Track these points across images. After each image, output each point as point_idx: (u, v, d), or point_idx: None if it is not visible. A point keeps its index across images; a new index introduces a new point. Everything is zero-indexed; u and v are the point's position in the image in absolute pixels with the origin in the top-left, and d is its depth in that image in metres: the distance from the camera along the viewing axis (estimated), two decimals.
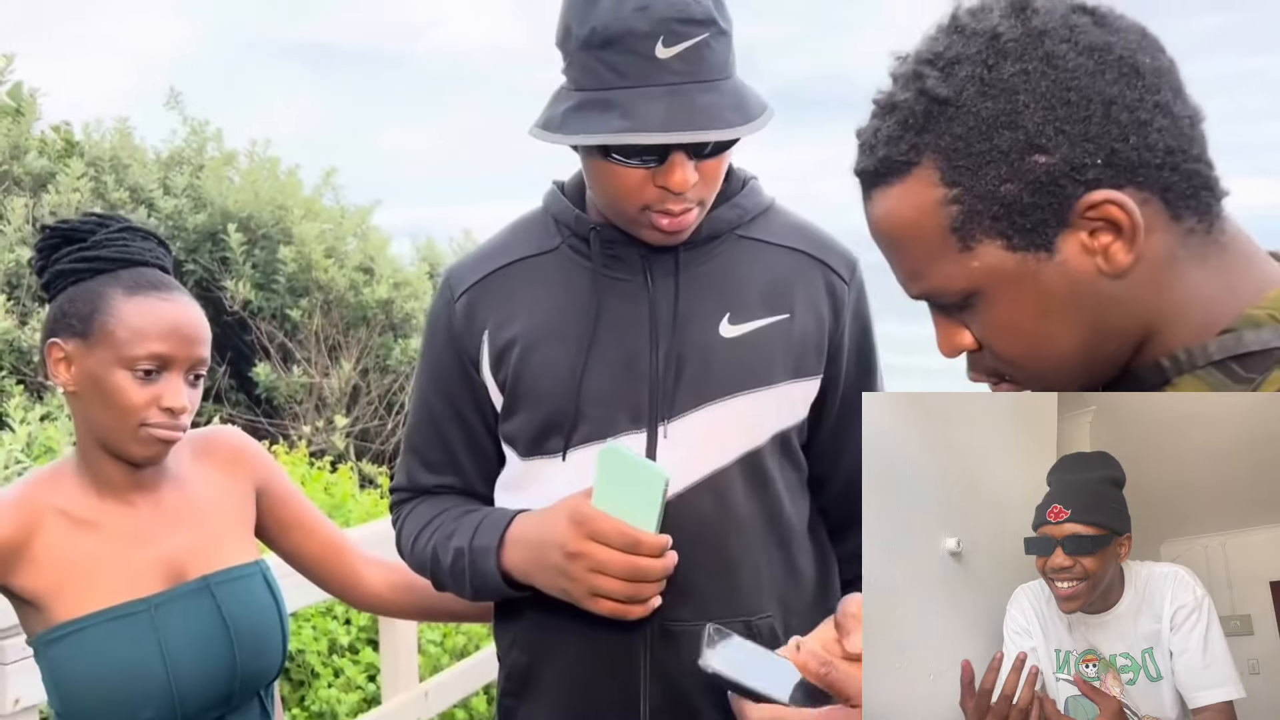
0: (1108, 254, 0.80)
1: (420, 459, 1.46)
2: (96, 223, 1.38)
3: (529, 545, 1.28)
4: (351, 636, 3.68)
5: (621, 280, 1.35)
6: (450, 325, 1.41)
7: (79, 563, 1.33)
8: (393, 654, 2.68)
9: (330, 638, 3.64)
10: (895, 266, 0.89)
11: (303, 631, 3.54)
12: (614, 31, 1.19)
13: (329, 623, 3.65)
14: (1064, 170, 0.78)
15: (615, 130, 1.19)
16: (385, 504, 4.74)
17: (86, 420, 1.35)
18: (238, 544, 1.45)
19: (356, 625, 3.72)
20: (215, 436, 1.51)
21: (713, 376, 1.33)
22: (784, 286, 1.36)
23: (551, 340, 1.34)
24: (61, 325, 1.34)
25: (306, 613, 3.61)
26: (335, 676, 3.57)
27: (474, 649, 3.78)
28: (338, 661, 3.59)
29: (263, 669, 1.42)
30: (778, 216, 1.42)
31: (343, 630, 3.68)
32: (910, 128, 0.82)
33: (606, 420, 1.32)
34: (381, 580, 1.62)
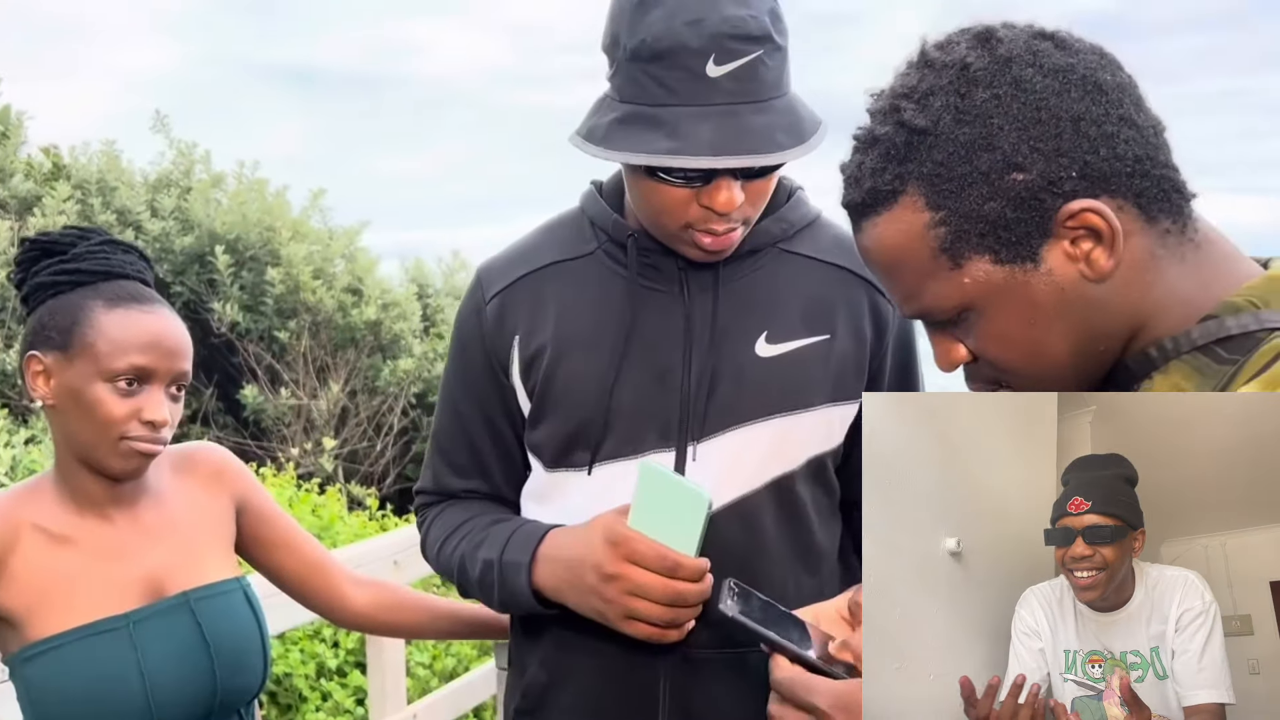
0: (1090, 260, 0.84)
1: (447, 462, 1.43)
2: (77, 235, 1.36)
3: (563, 564, 1.24)
4: (339, 660, 3.65)
5: (658, 291, 1.30)
6: (481, 328, 1.36)
7: (56, 579, 1.31)
8: (380, 676, 2.66)
9: (318, 661, 3.62)
10: (890, 290, 0.92)
11: (290, 655, 3.51)
12: (665, 46, 1.14)
13: (316, 646, 3.63)
14: (1042, 185, 0.82)
15: (662, 151, 1.15)
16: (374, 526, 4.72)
17: (66, 434, 1.33)
18: (218, 560, 1.43)
19: (344, 649, 3.69)
20: (196, 452, 1.49)
21: (747, 397, 1.28)
22: (826, 305, 1.31)
23: (582, 349, 1.30)
24: (41, 338, 1.32)
25: (294, 636, 3.58)
26: (323, 700, 3.54)
27: (462, 671, 3.75)
28: (325, 685, 3.56)
29: (243, 687, 1.40)
30: (824, 230, 1.36)
31: (330, 653, 3.65)
32: (893, 158, 0.86)
33: (634, 436, 1.28)
34: (367, 599, 1.59)
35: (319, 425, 6.48)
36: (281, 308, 6.71)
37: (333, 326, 6.77)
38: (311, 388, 6.54)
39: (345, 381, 6.70)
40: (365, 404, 6.80)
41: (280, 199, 7.17)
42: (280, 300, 6.68)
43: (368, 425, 6.75)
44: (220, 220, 6.79)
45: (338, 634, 3.75)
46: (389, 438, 6.77)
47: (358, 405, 6.77)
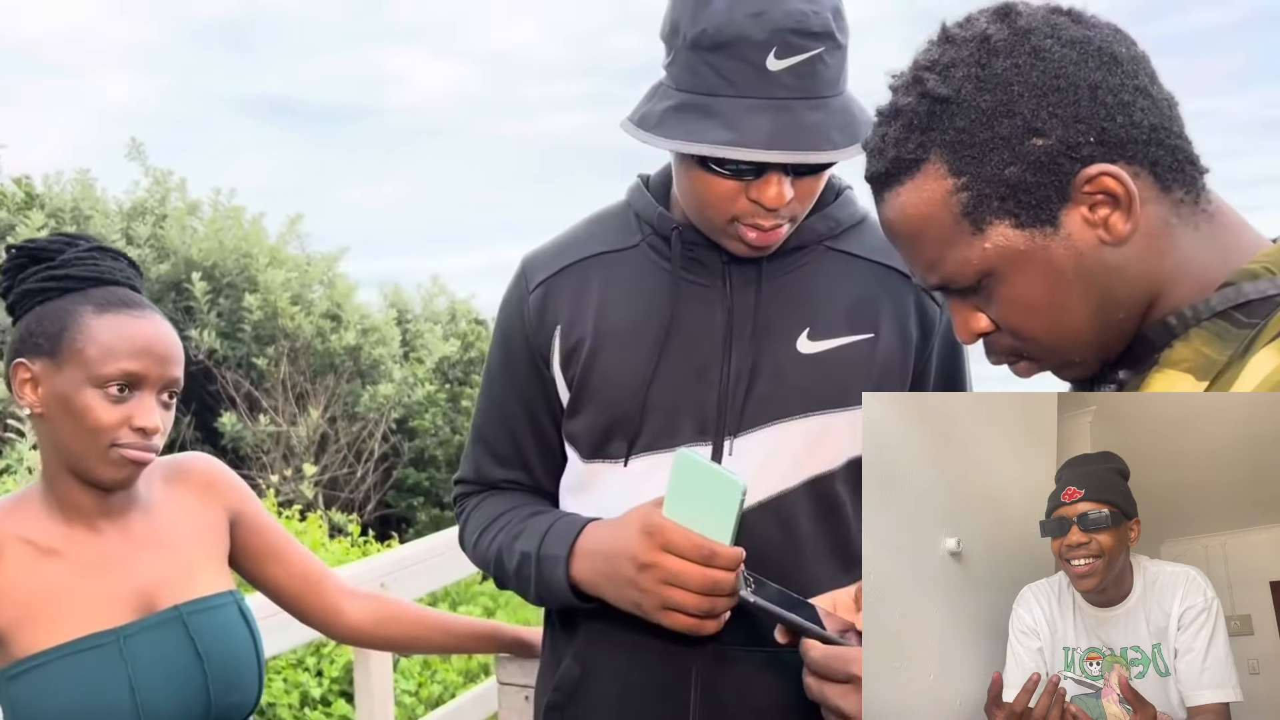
0: (1108, 225, 0.86)
1: (489, 451, 1.43)
2: (65, 242, 1.34)
3: (599, 556, 1.23)
4: (323, 689, 3.61)
5: (700, 285, 1.30)
6: (523, 318, 1.36)
7: (43, 593, 1.27)
8: (368, 703, 2.62)
9: (302, 690, 3.58)
10: (912, 260, 0.94)
11: (274, 684, 3.47)
12: (726, 36, 1.14)
13: (300, 675, 3.59)
14: (1061, 150, 0.85)
15: (717, 141, 1.14)
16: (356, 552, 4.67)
17: (54, 443, 1.30)
18: (210, 573, 1.39)
19: (328, 677, 3.65)
20: (187, 463, 1.45)
21: (786, 393, 1.27)
22: (870, 304, 1.30)
23: (623, 341, 1.29)
24: (28, 345, 1.29)
25: (277, 664, 3.55)
26: None
27: (449, 697, 3.71)
28: (310, 715, 3.52)
29: (237, 704, 1.36)
30: (872, 230, 1.34)
31: (314, 682, 3.61)
32: (915, 128, 0.89)
33: (671, 429, 1.27)
34: (363, 612, 1.57)
35: (298, 452, 6.43)
36: (259, 334, 6.68)
37: (311, 352, 6.73)
38: (290, 414, 6.50)
39: (325, 408, 6.66)
40: (345, 430, 6.75)
41: (257, 225, 7.14)
42: (258, 327, 6.65)
43: (348, 451, 6.71)
44: (196, 247, 6.76)
45: (321, 662, 3.71)
46: (369, 464, 6.72)
47: (337, 431, 6.73)
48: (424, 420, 6.96)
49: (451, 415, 7.07)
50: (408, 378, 7.03)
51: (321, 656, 3.74)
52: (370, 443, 6.72)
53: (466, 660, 4.05)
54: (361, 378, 6.95)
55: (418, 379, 7.08)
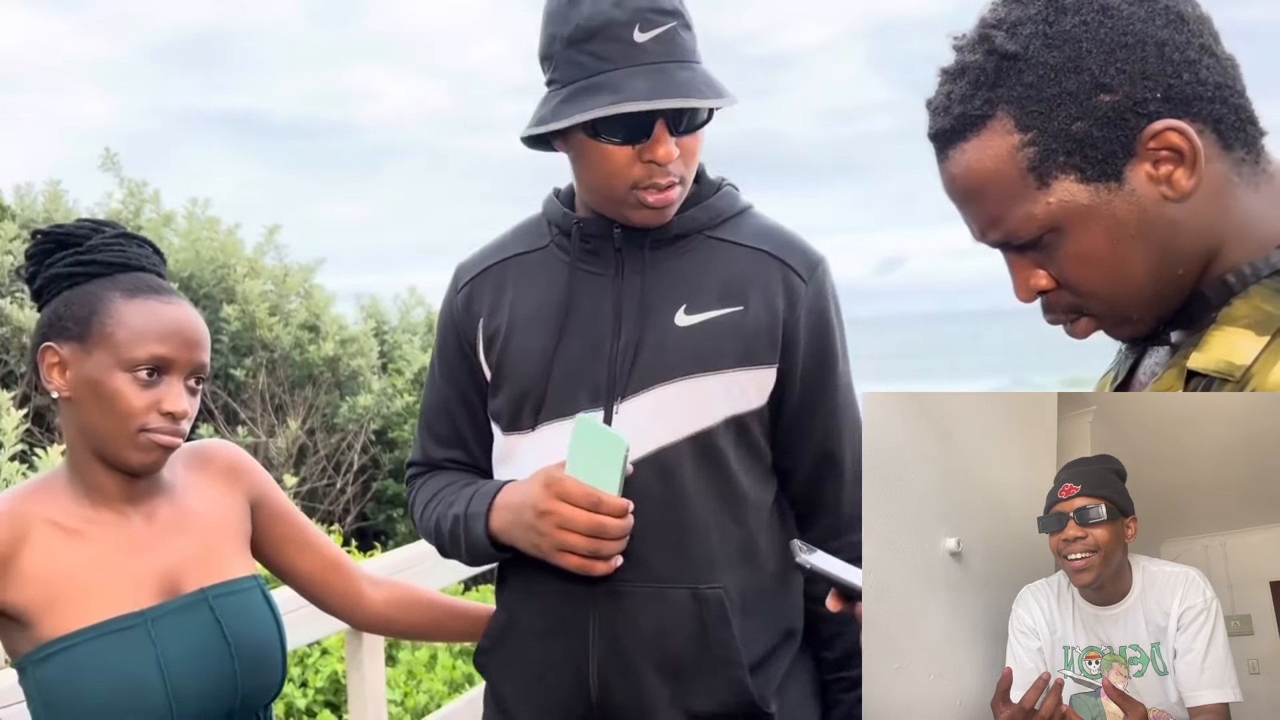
0: (1171, 181, 0.87)
1: (431, 434, 1.62)
2: (92, 228, 1.35)
3: (510, 508, 1.42)
4: (308, 699, 3.58)
5: (595, 274, 1.48)
6: (453, 313, 1.58)
7: (70, 576, 1.27)
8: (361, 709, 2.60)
9: (286, 701, 3.54)
10: (974, 217, 0.95)
11: None
12: (596, 24, 1.34)
13: (286, 686, 3.55)
14: (1128, 106, 0.86)
15: (606, 104, 1.32)
16: None
17: (82, 427, 1.30)
18: (234, 557, 1.40)
19: (313, 687, 3.62)
20: (210, 449, 1.46)
21: (665, 361, 1.44)
22: (741, 281, 1.46)
23: (531, 327, 1.48)
24: (56, 329, 1.29)
25: None
26: None
27: (435, 707, 3.69)
28: None
29: (263, 686, 1.37)
30: (749, 220, 1.52)
31: (299, 693, 3.57)
32: (982, 84, 0.90)
33: (569, 398, 1.45)
34: (384, 598, 1.58)
35: (277, 463, 6.37)
36: (237, 345, 6.62)
37: (290, 364, 6.68)
38: (269, 425, 6.45)
39: (303, 419, 6.60)
40: (324, 441, 6.70)
41: (233, 237, 7.08)
42: (236, 338, 6.59)
43: (327, 463, 6.65)
44: (173, 259, 6.70)
45: (306, 673, 3.67)
46: (349, 475, 6.68)
47: (316, 443, 6.68)
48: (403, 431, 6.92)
49: None
50: (386, 389, 6.99)
51: (306, 667, 3.71)
52: (349, 454, 6.67)
53: (451, 670, 4.02)
54: (340, 389, 6.90)
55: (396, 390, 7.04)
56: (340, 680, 3.61)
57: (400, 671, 3.91)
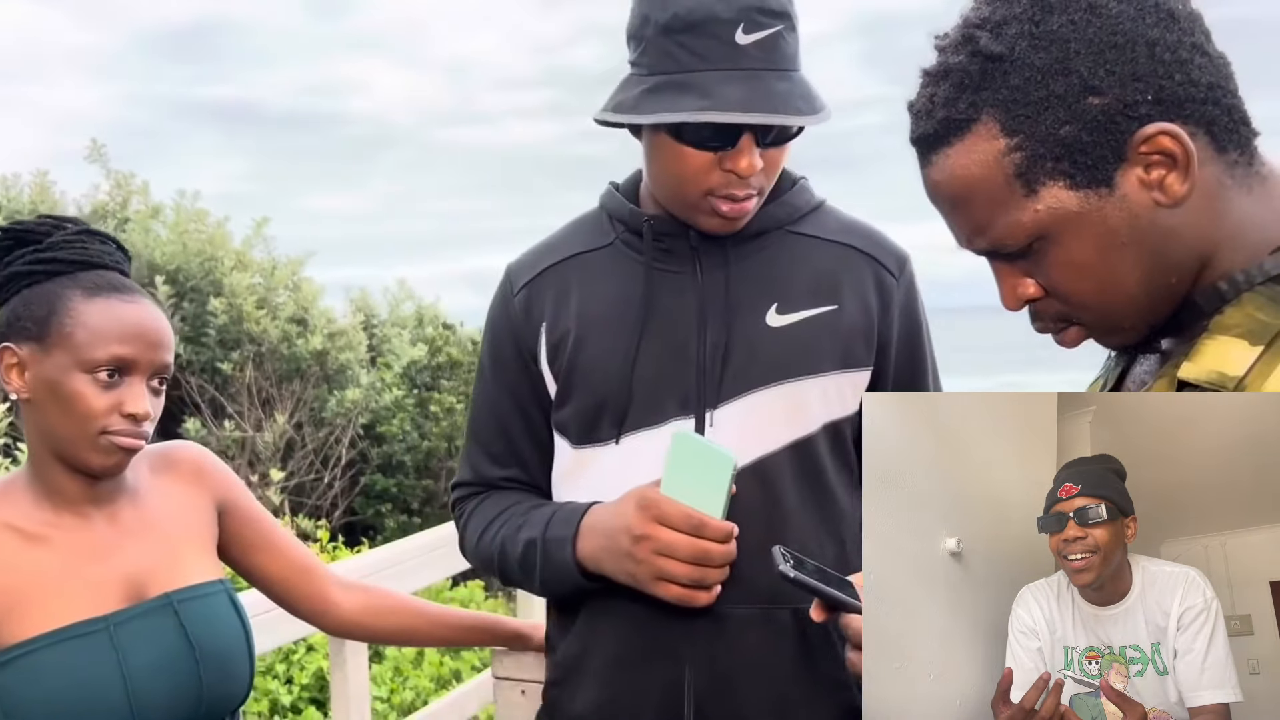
0: (1164, 186, 0.84)
1: (485, 451, 1.49)
2: (53, 224, 1.31)
3: (600, 533, 1.30)
4: (294, 696, 3.57)
5: (671, 272, 1.37)
6: (509, 319, 1.45)
7: (30, 580, 1.24)
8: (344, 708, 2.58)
9: (271, 698, 3.53)
10: (959, 225, 0.92)
11: None
12: (697, 17, 1.23)
13: (270, 683, 3.54)
14: (1118, 109, 0.83)
15: (694, 109, 1.22)
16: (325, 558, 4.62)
17: (41, 430, 1.27)
18: (200, 561, 1.37)
19: (298, 684, 3.61)
20: (175, 451, 1.43)
21: (758, 364, 1.34)
22: (831, 279, 1.38)
23: (604, 330, 1.37)
24: (15, 329, 1.26)
25: None
26: None
27: (421, 704, 3.68)
28: None
29: (229, 694, 1.34)
30: (828, 214, 1.43)
31: (284, 690, 3.56)
32: (967, 87, 0.87)
33: (655, 406, 1.35)
34: (356, 603, 1.55)
35: (265, 458, 6.35)
36: (224, 338, 6.60)
37: (278, 357, 6.66)
38: (256, 419, 6.43)
39: (291, 413, 6.59)
40: (312, 435, 6.68)
41: (221, 229, 7.05)
42: (223, 331, 6.57)
43: (315, 457, 6.64)
44: (160, 251, 6.67)
45: (291, 669, 3.66)
46: (337, 469, 6.66)
47: (304, 437, 6.66)
48: (392, 426, 6.91)
49: (419, 421, 7.02)
50: (375, 383, 6.97)
51: (291, 664, 3.70)
52: (337, 448, 6.66)
53: (439, 666, 4.02)
54: (328, 383, 6.88)
55: (385, 384, 7.02)
56: (325, 677, 3.60)
57: (387, 668, 3.90)
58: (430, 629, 1.61)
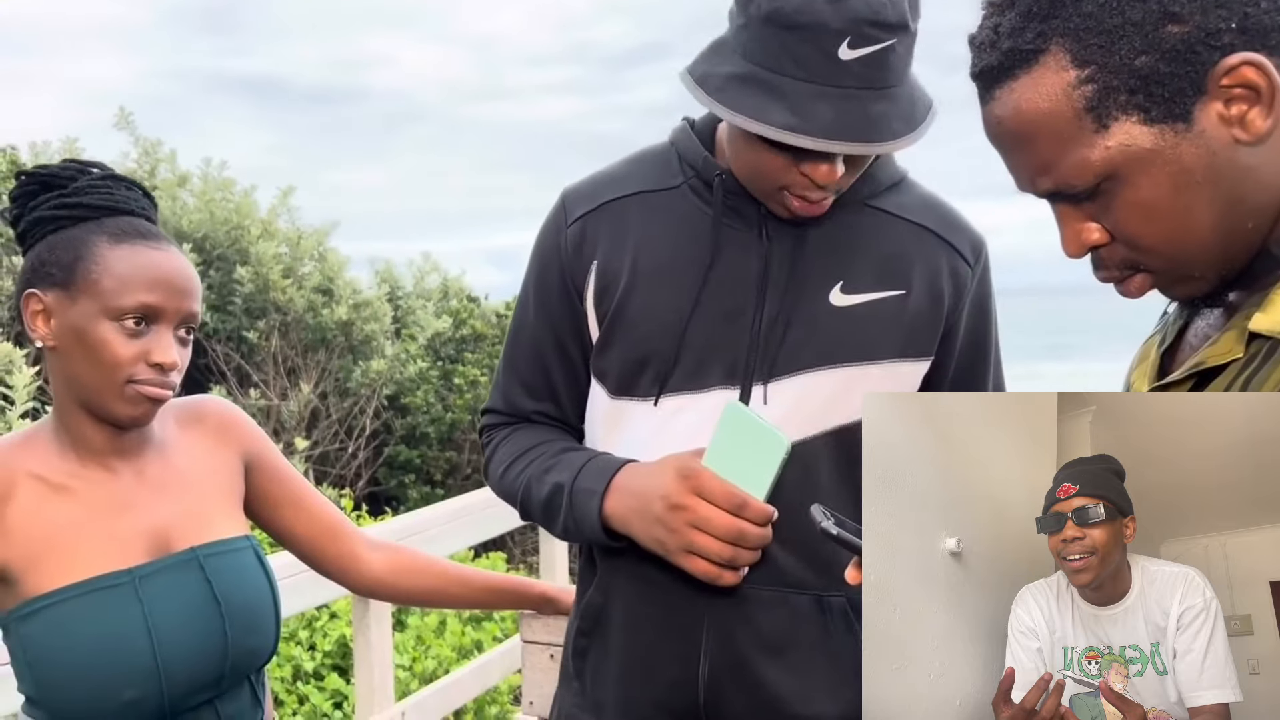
0: (1245, 122, 0.79)
1: (520, 381, 1.44)
2: (78, 169, 1.29)
3: (633, 494, 1.26)
4: (316, 663, 3.62)
5: (738, 231, 1.30)
6: (560, 250, 1.37)
7: (56, 531, 1.23)
8: (368, 675, 2.61)
9: (294, 664, 3.58)
10: (1021, 164, 0.86)
11: None
12: (803, 19, 1.13)
13: (293, 649, 3.59)
14: (1199, 37, 0.78)
15: (780, 125, 1.14)
16: None
17: (67, 378, 1.25)
18: (226, 516, 1.35)
19: (321, 650, 3.66)
20: (202, 405, 1.41)
21: (816, 344, 1.28)
22: (903, 262, 1.32)
23: (659, 280, 1.31)
24: (40, 275, 1.24)
25: None
26: (300, 704, 3.51)
27: (443, 673, 3.73)
28: (302, 688, 3.53)
29: (255, 649, 1.32)
30: (910, 189, 1.36)
31: (307, 656, 3.62)
32: (1035, 15, 0.82)
33: (701, 371, 1.29)
34: (383, 562, 1.53)
35: (289, 427, 6.42)
36: (250, 307, 6.65)
37: (303, 327, 6.71)
38: (281, 388, 6.49)
39: (316, 383, 6.64)
40: (336, 405, 6.74)
41: (247, 199, 7.09)
42: (249, 300, 6.61)
43: (339, 427, 6.69)
44: (187, 219, 6.71)
45: (314, 636, 3.72)
46: (361, 439, 6.72)
47: (328, 406, 6.72)
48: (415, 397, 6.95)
49: (443, 393, 7.06)
50: (399, 354, 7.02)
51: (315, 630, 3.75)
52: (362, 419, 6.71)
53: (460, 636, 4.06)
54: (353, 353, 6.93)
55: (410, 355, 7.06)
56: (348, 644, 3.65)
57: (409, 637, 3.95)
58: (458, 590, 1.60)
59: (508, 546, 6.29)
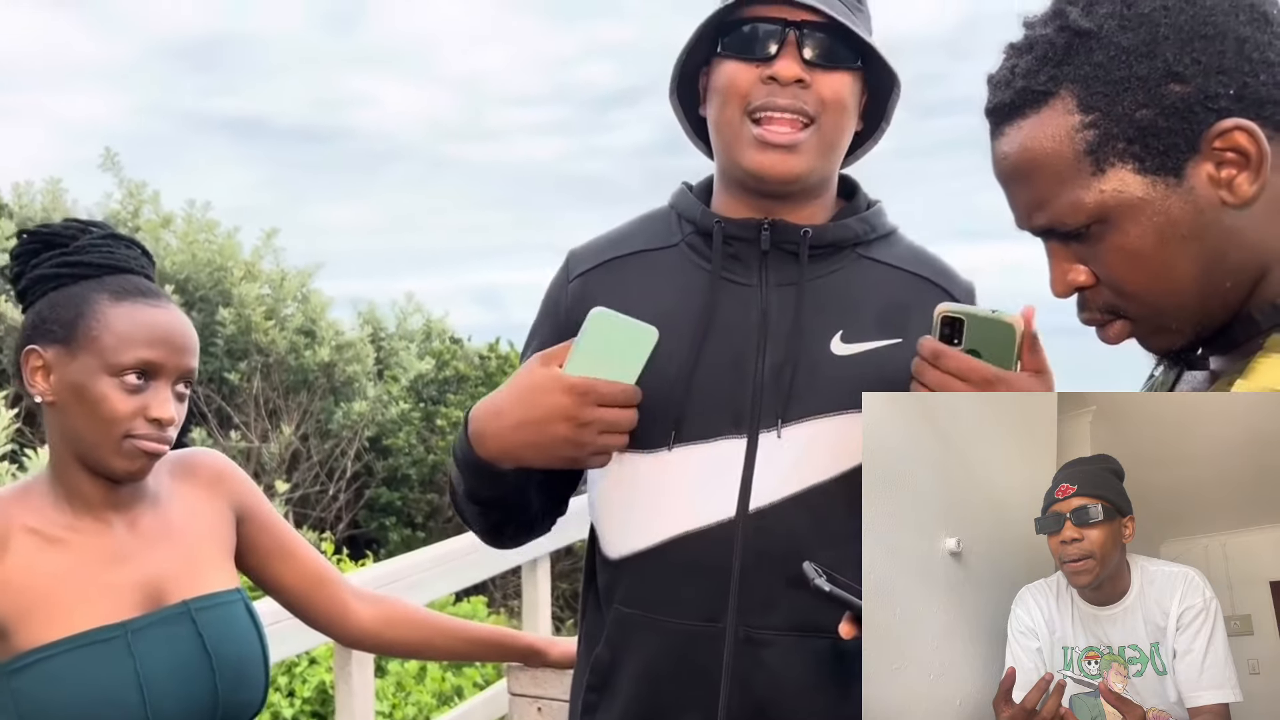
0: (1233, 185, 0.83)
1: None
2: (79, 228, 1.32)
3: (519, 425, 1.25)
4: (295, 709, 3.56)
5: (737, 284, 1.35)
6: (561, 304, 1.43)
7: (50, 584, 1.25)
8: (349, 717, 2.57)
9: (273, 710, 3.53)
10: (1020, 199, 0.91)
11: None
12: None
13: (273, 695, 3.54)
14: (1198, 99, 0.82)
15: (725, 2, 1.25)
16: None
17: (65, 432, 1.28)
18: (218, 569, 1.37)
19: (300, 697, 3.60)
20: (195, 457, 1.43)
21: (821, 391, 1.31)
22: (899, 310, 1.35)
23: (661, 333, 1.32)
24: (41, 332, 1.27)
25: None
26: None
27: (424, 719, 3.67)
28: None
29: (245, 703, 1.34)
30: (900, 241, 1.42)
31: (286, 703, 3.56)
32: (1050, 60, 0.87)
33: (708, 421, 1.32)
34: (372, 614, 1.55)
35: (270, 469, 6.36)
36: (232, 349, 6.62)
37: (285, 368, 6.68)
38: (262, 430, 6.44)
39: (297, 424, 6.60)
40: (317, 447, 6.69)
41: (230, 240, 7.08)
42: (231, 341, 6.59)
43: (320, 469, 6.65)
44: (170, 260, 6.70)
45: (293, 683, 3.66)
46: (342, 482, 6.67)
47: (310, 448, 6.67)
48: (398, 439, 6.91)
49: (425, 434, 7.03)
50: (381, 396, 6.99)
51: (294, 676, 3.69)
52: (343, 461, 6.67)
53: (441, 682, 4.01)
54: (335, 395, 6.90)
55: (392, 397, 7.03)
56: (328, 690, 3.60)
57: (389, 683, 3.90)
58: (445, 642, 1.61)
59: (489, 590, 6.23)
